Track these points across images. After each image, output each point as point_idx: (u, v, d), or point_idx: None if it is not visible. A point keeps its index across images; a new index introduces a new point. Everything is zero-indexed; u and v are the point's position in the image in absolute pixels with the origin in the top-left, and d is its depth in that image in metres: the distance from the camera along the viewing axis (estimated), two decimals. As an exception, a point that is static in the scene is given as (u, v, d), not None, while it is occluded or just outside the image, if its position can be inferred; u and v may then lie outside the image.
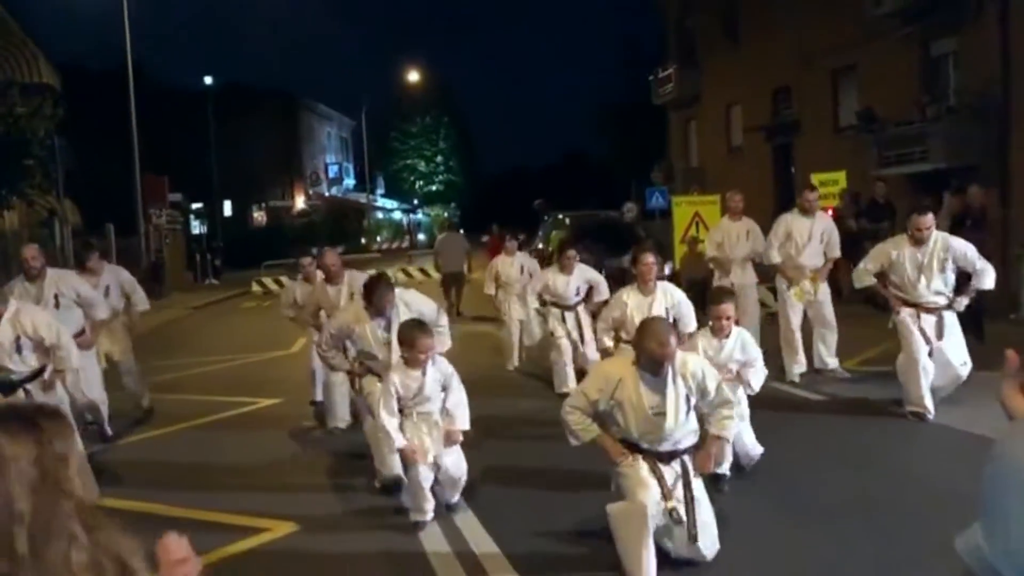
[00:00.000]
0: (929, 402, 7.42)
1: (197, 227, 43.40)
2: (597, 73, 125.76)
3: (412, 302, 6.41)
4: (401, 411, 5.49)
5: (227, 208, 49.33)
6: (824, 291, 9.72)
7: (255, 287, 28.35)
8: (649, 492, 4.44)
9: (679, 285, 15.18)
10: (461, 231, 20.72)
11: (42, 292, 7.57)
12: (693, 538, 4.52)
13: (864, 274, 8.03)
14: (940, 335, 7.50)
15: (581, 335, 9.42)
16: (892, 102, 19.52)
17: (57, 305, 7.58)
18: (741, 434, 5.82)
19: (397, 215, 64.02)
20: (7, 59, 22.96)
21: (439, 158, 66.42)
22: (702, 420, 4.87)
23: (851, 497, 5.71)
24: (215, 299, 26.42)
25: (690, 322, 7.44)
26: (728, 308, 5.95)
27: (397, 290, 6.37)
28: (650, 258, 7.30)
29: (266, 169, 50.16)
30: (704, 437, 4.81)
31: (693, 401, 4.67)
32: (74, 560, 2.05)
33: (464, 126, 68.32)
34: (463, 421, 5.55)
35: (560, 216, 19.98)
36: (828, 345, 9.58)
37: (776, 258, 9.84)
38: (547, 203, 25.59)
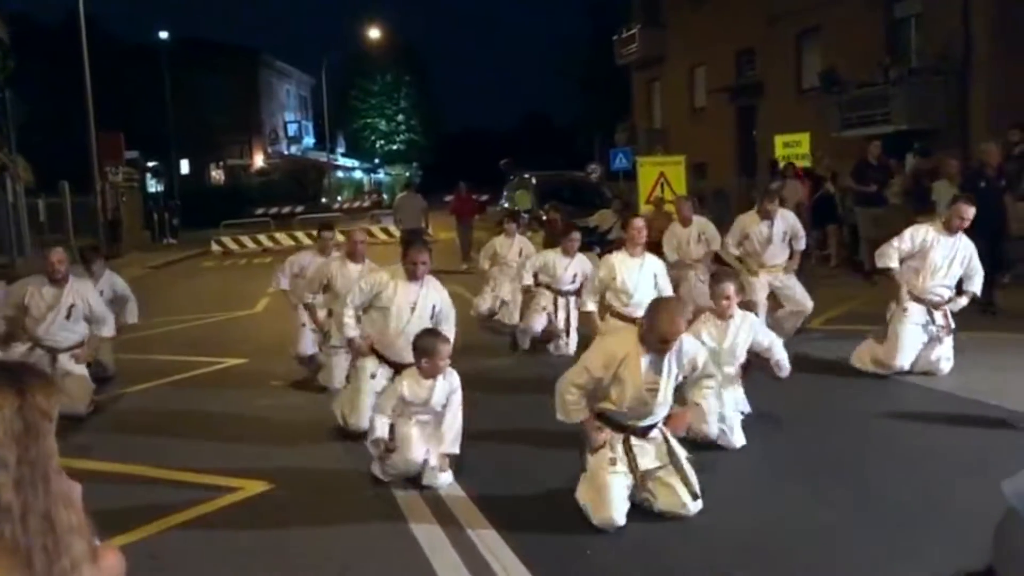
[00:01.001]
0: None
1: (153, 185, 42.59)
2: (562, 32, 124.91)
3: (441, 291, 6.49)
4: (400, 414, 5.45)
5: (184, 166, 48.41)
6: (790, 278, 9.38)
7: (214, 247, 27.97)
8: (611, 512, 4.52)
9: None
10: (418, 192, 20.92)
11: (59, 299, 7.56)
12: (695, 496, 4.64)
13: (892, 254, 7.61)
14: (948, 331, 7.53)
15: (568, 327, 9.24)
16: (855, 64, 19.64)
17: (69, 316, 7.59)
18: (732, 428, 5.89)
19: (358, 174, 63.36)
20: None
21: (400, 117, 65.67)
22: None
23: (828, 455, 5.81)
24: (174, 259, 26.02)
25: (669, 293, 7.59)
26: (729, 288, 5.88)
27: (433, 283, 6.46)
28: (639, 222, 7.62)
29: (224, 127, 49.23)
30: (681, 403, 4.94)
31: (680, 376, 4.80)
32: (55, 516, 2.02)
33: (426, 85, 67.53)
34: (453, 445, 5.48)
35: (527, 176, 19.90)
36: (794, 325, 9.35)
37: (735, 251, 9.59)
38: (513, 162, 25.45)
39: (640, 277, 7.57)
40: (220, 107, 48.43)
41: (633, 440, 4.72)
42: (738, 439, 5.85)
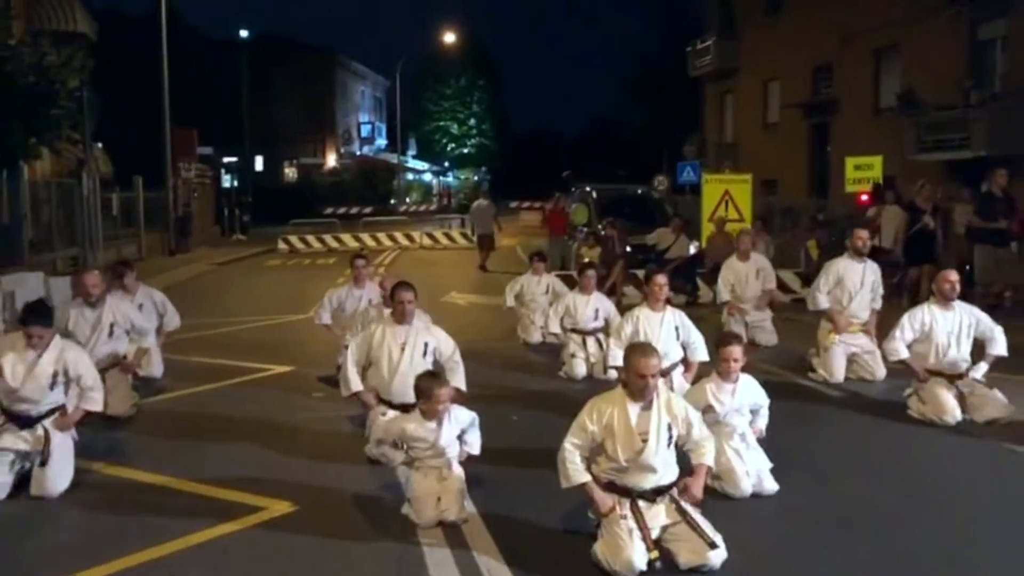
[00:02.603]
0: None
1: (228, 181, 43.50)
2: (635, 40, 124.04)
3: (433, 330, 6.74)
4: (411, 462, 5.51)
5: (259, 163, 49.36)
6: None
7: (281, 244, 28.38)
8: (629, 553, 4.50)
9: (704, 265, 15.06)
10: (491, 199, 23.31)
11: (100, 320, 7.86)
12: (711, 545, 4.56)
13: (898, 346, 7.52)
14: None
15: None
16: (935, 85, 19.00)
17: (111, 333, 7.88)
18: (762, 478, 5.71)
19: (427, 177, 63.84)
20: (42, 6, 22.93)
21: (472, 121, 65.96)
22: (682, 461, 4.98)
23: (862, 504, 5.55)
24: (240, 256, 26.51)
25: (700, 347, 7.77)
26: (736, 351, 5.79)
27: (421, 323, 6.71)
28: (662, 279, 7.87)
29: (299, 125, 50.14)
30: (689, 469, 4.93)
31: (674, 433, 4.83)
32: None
33: (498, 89, 67.73)
34: (475, 448, 5.69)
35: (588, 189, 19.70)
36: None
37: (824, 304, 9.17)
38: (575, 174, 25.28)
39: (662, 331, 7.75)
40: (296, 106, 49.34)
41: (641, 503, 4.72)
42: (770, 486, 5.66)
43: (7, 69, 15.12)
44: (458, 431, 5.53)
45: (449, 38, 52.24)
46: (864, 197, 17.41)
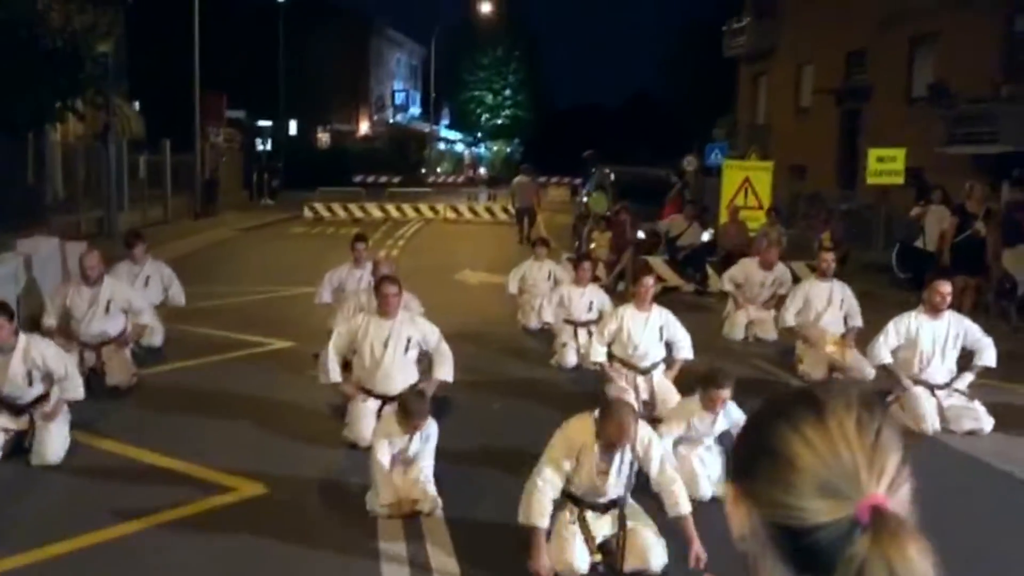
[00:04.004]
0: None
1: (260, 144, 43.74)
2: (675, 15, 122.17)
3: (417, 323, 6.85)
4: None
5: (292, 127, 49.58)
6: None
7: (306, 212, 28.49)
8: (571, 556, 4.64)
9: (716, 253, 14.98)
10: (532, 175, 23.73)
11: (97, 297, 8.10)
12: (654, 549, 4.68)
13: (882, 351, 7.48)
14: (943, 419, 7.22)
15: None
16: (968, 77, 18.61)
17: (107, 310, 8.14)
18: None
19: (459, 147, 63.78)
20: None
21: (507, 91, 65.68)
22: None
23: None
24: (265, 221, 26.71)
25: (685, 346, 7.71)
26: (726, 393, 5.76)
27: (407, 314, 6.80)
28: (649, 281, 7.90)
29: (333, 90, 50.14)
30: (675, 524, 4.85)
31: (634, 471, 4.87)
32: None
33: (535, 60, 67.28)
34: (428, 485, 5.55)
35: (607, 171, 19.60)
36: None
37: (791, 322, 9.36)
38: (597, 154, 25.13)
39: (645, 332, 7.75)
40: (331, 71, 49.32)
41: (589, 513, 4.82)
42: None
43: (36, 32, 15.33)
44: (427, 439, 5.60)
45: (485, 7, 51.87)
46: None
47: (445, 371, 6.74)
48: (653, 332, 7.75)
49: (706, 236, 15.33)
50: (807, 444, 1.03)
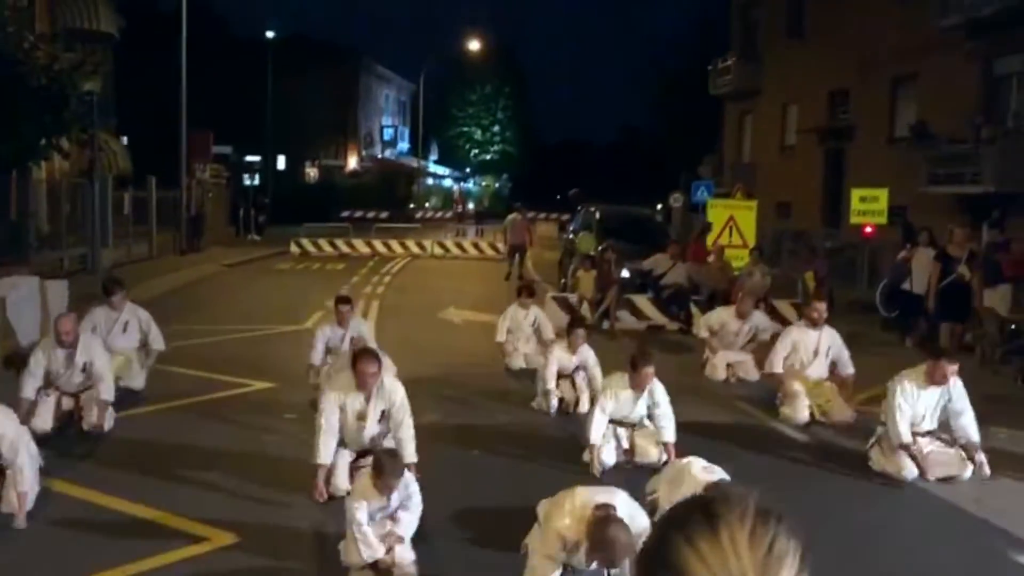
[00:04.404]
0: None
1: (248, 180, 43.78)
2: (661, 51, 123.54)
3: (392, 394, 6.61)
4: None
5: (280, 162, 49.71)
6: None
7: (293, 247, 28.48)
8: None
9: (701, 292, 15.01)
10: (523, 213, 23.87)
11: (72, 360, 8.04)
12: None
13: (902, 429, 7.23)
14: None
15: (577, 399, 9.14)
16: (949, 118, 18.83)
17: (84, 370, 8.09)
18: None
19: (448, 182, 64.04)
20: (66, 5, 23.26)
21: (496, 127, 66.18)
22: None
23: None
24: (251, 257, 26.67)
25: (668, 428, 7.29)
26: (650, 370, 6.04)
27: (385, 383, 6.62)
28: (649, 371, 7.26)
29: (322, 126, 50.41)
30: None
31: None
32: None
33: (524, 96, 67.85)
34: (408, 530, 5.44)
35: (592, 209, 19.70)
36: None
37: (778, 368, 9.28)
38: (582, 193, 25.30)
39: (634, 409, 7.45)
40: (319, 106, 49.59)
41: None
42: None
43: (20, 71, 15.35)
44: (403, 496, 5.48)
45: (475, 45, 52.41)
46: (868, 229, 17.31)
47: (409, 452, 6.47)
48: (641, 410, 7.50)
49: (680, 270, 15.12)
50: (700, 559, 1.05)
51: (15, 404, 6.97)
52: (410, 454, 6.42)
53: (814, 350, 9.20)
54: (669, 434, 7.23)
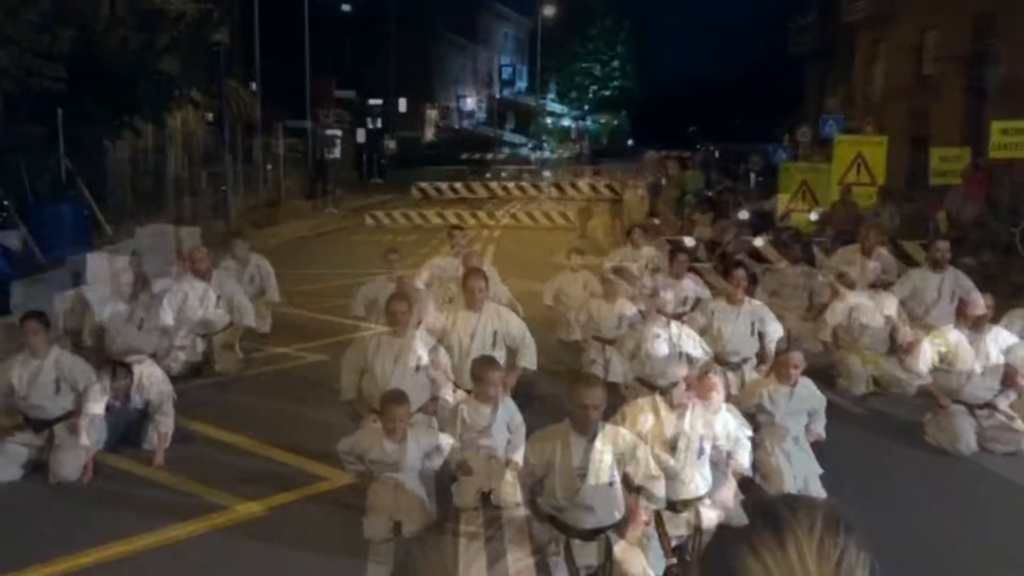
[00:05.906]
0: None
1: (371, 123, 44.47)
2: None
3: (503, 316, 6.66)
4: (463, 442, 5.49)
5: (402, 105, 50.21)
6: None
7: (414, 192, 28.34)
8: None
9: (825, 234, 14.46)
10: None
11: (207, 291, 8.56)
12: None
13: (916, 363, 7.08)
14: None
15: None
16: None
17: (218, 304, 8.62)
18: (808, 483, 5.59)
19: (566, 121, 63.46)
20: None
21: (615, 63, 64.90)
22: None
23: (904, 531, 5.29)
24: (379, 199, 27.18)
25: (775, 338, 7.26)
26: (798, 357, 5.62)
27: (492, 308, 6.68)
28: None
29: (442, 67, 50.64)
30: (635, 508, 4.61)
31: (617, 474, 4.52)
32: None
33: (644, 30, 66.19)
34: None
35: (711, 147, 19.22)
36: None
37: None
38: (700, 131, 24.65)
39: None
40: (439, 48, 49.79)
41: (575, 542, 4.54)
42: (816, 492, 5.58)
43: (156, 26, 15.97)
44: (507, 421, 5.55)
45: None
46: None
47: (527, 359, 6.58)
48: (746, 325, 7.43)
49: (814, 216, 14.80)
50: (767, 572, 1.01)
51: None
52: (527, 360, 6.54)
53: (937, 291, 8.59)
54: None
